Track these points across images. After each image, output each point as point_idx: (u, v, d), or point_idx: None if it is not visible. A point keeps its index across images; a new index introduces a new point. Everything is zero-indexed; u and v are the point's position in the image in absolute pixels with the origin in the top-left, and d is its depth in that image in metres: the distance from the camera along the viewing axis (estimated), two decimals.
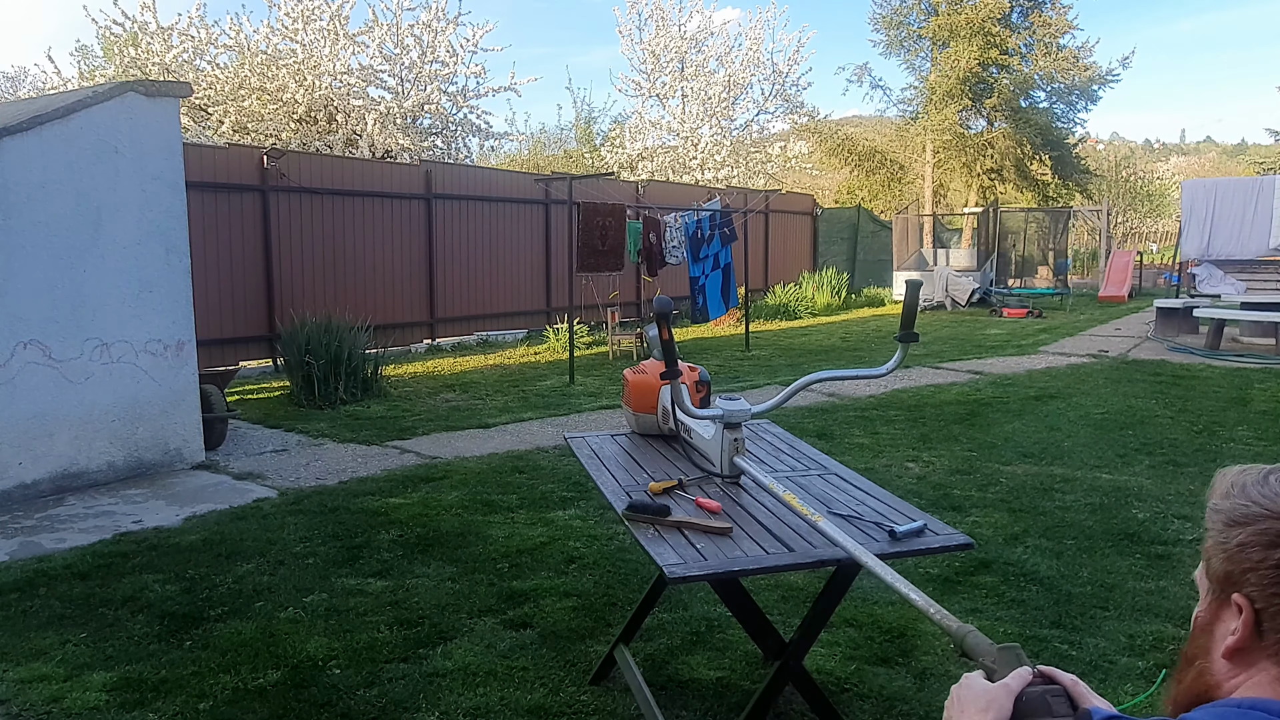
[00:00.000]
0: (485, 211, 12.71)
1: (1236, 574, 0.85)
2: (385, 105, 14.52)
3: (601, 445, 3.08)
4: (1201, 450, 6.22)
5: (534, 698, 2.99)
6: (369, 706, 2.96)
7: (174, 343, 5.95)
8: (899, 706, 2.94)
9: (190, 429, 6.08)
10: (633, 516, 2.31)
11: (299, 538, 4.56)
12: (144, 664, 3.23)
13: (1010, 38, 22.70)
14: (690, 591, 3.73)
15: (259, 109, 14.20)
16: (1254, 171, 31.30)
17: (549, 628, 3.50)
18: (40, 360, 5.30)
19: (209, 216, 9.38)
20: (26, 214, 5.21)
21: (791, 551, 2.14)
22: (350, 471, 5.88)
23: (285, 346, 8.50)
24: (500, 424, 7.34)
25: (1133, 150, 43.81)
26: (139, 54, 14.18)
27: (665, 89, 21.34)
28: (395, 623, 3.55)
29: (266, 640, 3.41)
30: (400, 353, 11.22)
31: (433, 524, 4.73)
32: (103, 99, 5.53)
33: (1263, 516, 0.85)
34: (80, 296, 5.47)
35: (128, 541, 4.54)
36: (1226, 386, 8.78)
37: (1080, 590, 3.83)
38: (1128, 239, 31.30)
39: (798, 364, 10.49)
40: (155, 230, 5.82)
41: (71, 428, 5.47)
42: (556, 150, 29.01)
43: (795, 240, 19.40)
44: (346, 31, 14.35)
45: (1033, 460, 5.99)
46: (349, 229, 10.96)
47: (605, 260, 10.24)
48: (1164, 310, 13.21)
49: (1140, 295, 20.08)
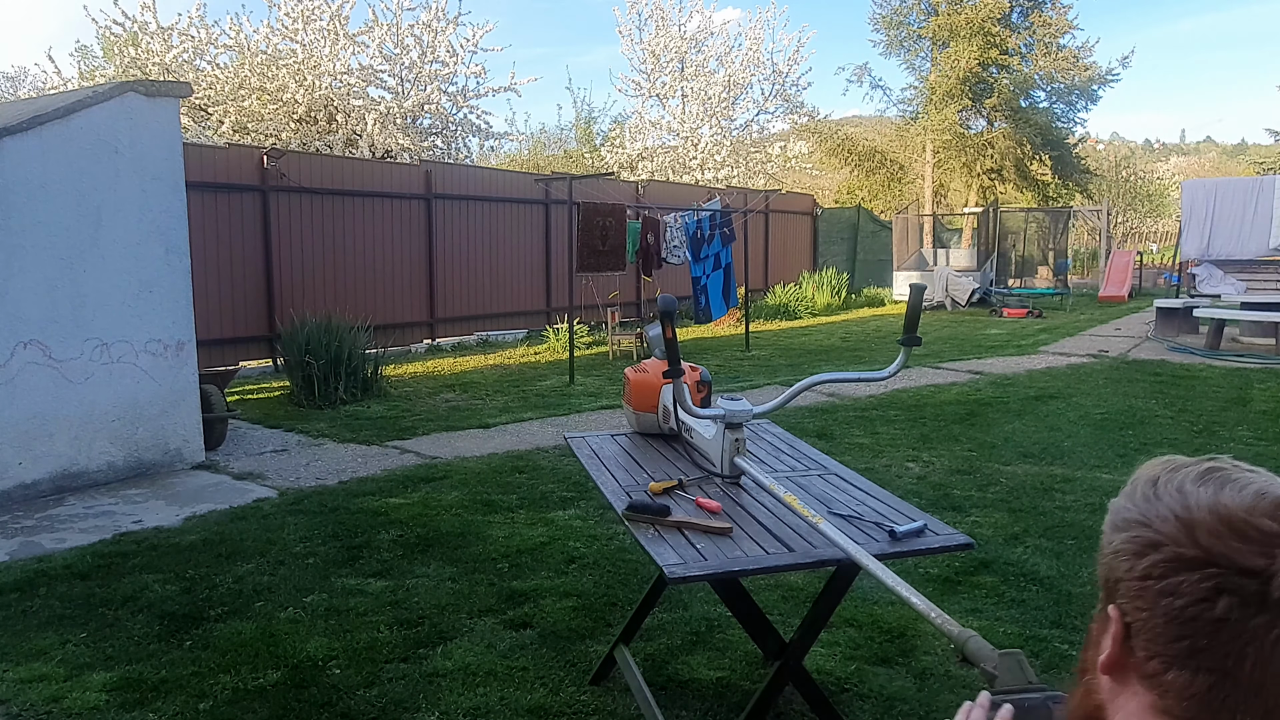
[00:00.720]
0: (485, 211, 12.71)
1: (1111, 582, 0.79)
2: (385, 105, 14.53)
3: (601, 445, 3.08)
4: (1201, 450, 6.18)
5: (534, 698, 2.99)
6: (369, 706, 2.96)
7: (174, 343, 5.95)
8: (899, 706, 2.94)
9: (190, 429, 6.08)
10: (633, 516, 2.31)
11: (299, 538, 4.56)
12: (144, 664, 3.23)
13: (1010, 38, 22.70)
14: (690, 591, 3.73)
15: (259, 109, 14.20)
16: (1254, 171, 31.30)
17: (549, 628, 3.50)
18: (40, 360, 5.30)
19: (209, 216, 9.38)
20: (27, 214, 5.21)
21: (791, 551, 2.14)
22: (350, 471, 5.88)
23: (285, 346, 8.50)
24: (500, 424, 7.34)
25: (1133, 150, 43.84)
26: (139, 54, 14.19)
27: (665, 89, 21.34)
28: (395, 623, 3.55)
29: (266, 640, 3.41)
30: (400, 353, 11.22)
31: (433, 524, 4.73)
32: (103, 99, 5.53)
33: (1137, 523, 0.79)
34: (80, 296, 5.47)
35: (128, 541, 4.54)
36: (1226, 386, 8.78)
37: (1080, 590, 3.83)
38: (1128, 239, 31.31)
39: (798, 364, 10.50)
40: (155, 230, 5.82)
41: (71, 428, 5.47)
42: (556, 150, 29.01)
43: (795, 240, 19.40)
44: (346, 31, 14.35)
45: (1033, 460, 5.99)
46: (349, 229, 10.96)
47: (606, 260, 10.24)
48: (1164, 310, 13.21)
49: (1140, 295, 20.09)
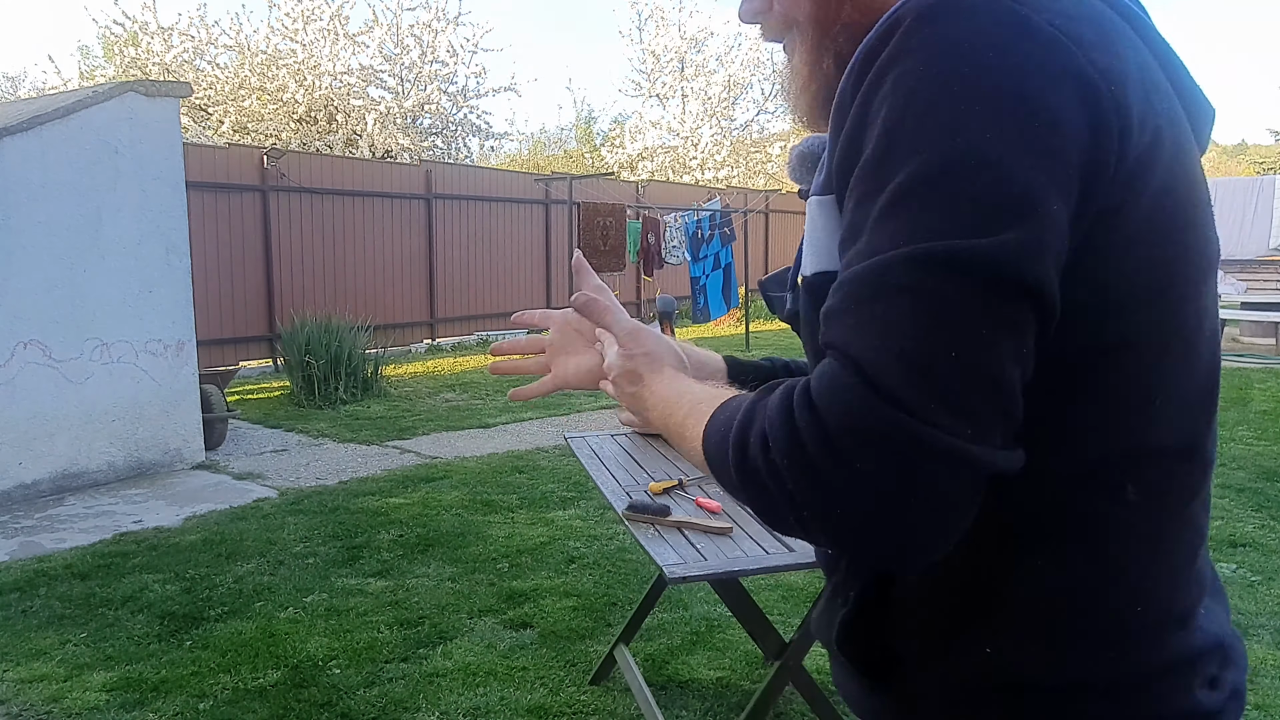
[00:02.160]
0: (485, 211, 12.71)
1: None
2: (385, 105, 14.53)
3: (601, 445, 3.08)
4: None
5: (534, 698, 2.99)
6: (369, 706, 2.96)
7: (174, 343, 5.95)
8: None
9: (190, 429, 6.08)
10: (633, 516, 2.31)
11: (299, 538, 4.56)
12: (144, 664, 3.23)
13: None
14: (690, 591, 3.73)
15: (259, 109, 14.20)
16: (1254, 171, 31.30)
17: (549, 628, 3.50)
18: (40, 360, 5.30)
19: (209, 216, 9.38)
20: (27, 214, 5.21)
21: (792, 551, 2.14)
22: (350, 471, 5.89)
23: (285, 346, 8.50)
24: (500, 424, 7.34)
25: None
26: (139, 54, 14.20)
27: (665, 89, 21.35)
28: (395, 623, 3.55)
29: (266, 640, 3.41)
30: (400, 353, 11.22)
31: (433, 524, 4.73)
32: (103, 99, 5.53)
33: None
34: (80, 296, 5.47)
35: (128, 541, 4.54)
36: (1226, 386, 8.77)
37: None
38: None
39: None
40: (155, 230, 5.82)
41: (71, 428, 5.47)
42: (556, 150, 29.03)
43: (795, 240, 19.28)
44: (346, 31, 14.37)
45: None
46: (349, 229, 10.96)
47: (606, 260, 10.24)
48: None
49: None
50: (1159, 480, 0.73)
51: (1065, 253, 0.64)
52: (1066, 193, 0.63)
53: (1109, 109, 0.65)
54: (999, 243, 0.61)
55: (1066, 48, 0.65)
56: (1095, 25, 0.68)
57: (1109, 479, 0.71)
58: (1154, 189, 0.68)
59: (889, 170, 0.63)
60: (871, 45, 0.68)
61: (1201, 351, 0.75)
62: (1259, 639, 3.38)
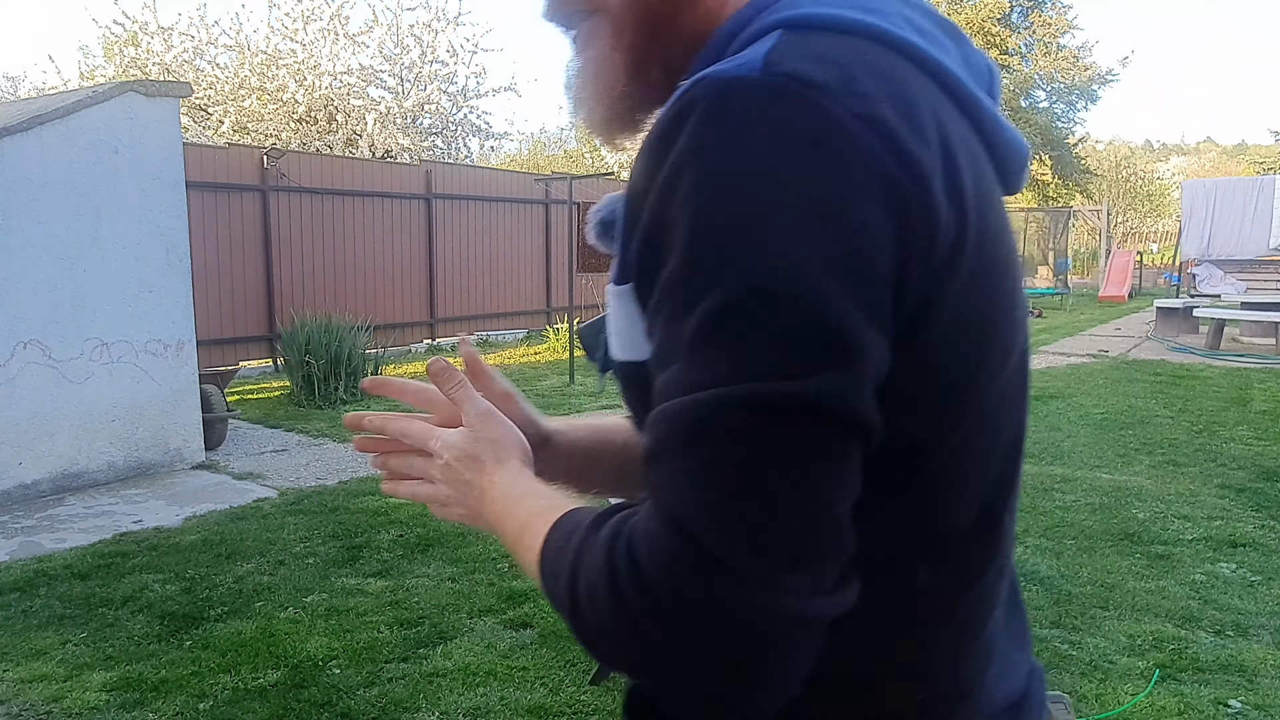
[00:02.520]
0: (485, 211, 12.71)
1: None
2: (385, 105, 14.53)
3: None
4: (1201, 450, 6.22)
5: (534, 698, 2.99)
6: (369, 706, 2.96)
7: (174, 343, 5.95)
8: None
9: (190, 429, 6.08)
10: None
11: (299, 538, 4.56)
12: (144, 664, 3.23)
13: (1010, 38, 22.74)
14: None
15: (259, 109, 14.20)
16: (1254, 171, 31.33)
17: (549, 628, 3.50)
18: (40, 360, 5.30)
19: (209, 216, 9.37)
20: (27, 214, 5.21)
21: None
22: (350, 471, 5.89)
23: (285, 346, 8.50)
24: None
25: (1133, 150, 43.83)
26: (139, 54, 14.20)
27: None
28: (395, 623, 3.55)
29: (266, 640, 3.41)
30: (400, 353, 11.22)
31: (433, 524, 4.73)
32: (102, 99, 5.53)
33: None
34: (80, 296, 5.47)
35: (128, 541, 4.54)
36: (1226, 386, 8.78)
37: (1080, 590, 3.83)
38: (1128, 239, 31.30)
39: None
40: (155, 230, 5.82)
41: (71, 428, 5.47)
42: (556, 150, 29.04)
43: None
44: (346, 31, 14.37)
45: (1033, 460, 5.99)
46: (349, 229, 10.96)
47: (606, 260, 10.18)
48: (1164, 310, 13.22)
49: (1140, 295, 20.10)
50: (952, 559, 0.71)
51: (884, 372, 0.61)
52: (881, 313, 0.60)
53: (915, 215, 0.61)
54: (817, 384, 0.58)
55: (870, 145, 0.60)
56: (897, 102, 0.63)
57: (901, 564, 0.69)
58: (960, 284, 0.64)
59: (695, 291, 0.60)
60: (666, 127, 0.63)
61: (1004, 426, 0.72)
62: (1259, 639, 3.38)
